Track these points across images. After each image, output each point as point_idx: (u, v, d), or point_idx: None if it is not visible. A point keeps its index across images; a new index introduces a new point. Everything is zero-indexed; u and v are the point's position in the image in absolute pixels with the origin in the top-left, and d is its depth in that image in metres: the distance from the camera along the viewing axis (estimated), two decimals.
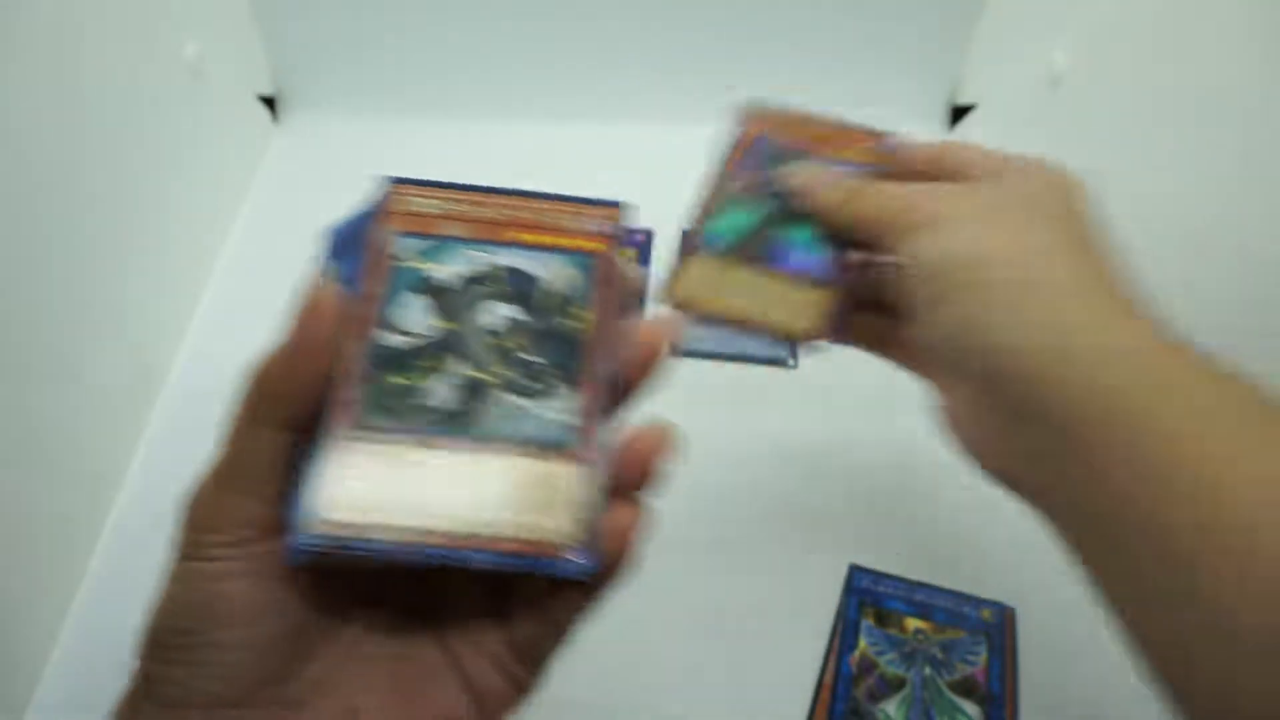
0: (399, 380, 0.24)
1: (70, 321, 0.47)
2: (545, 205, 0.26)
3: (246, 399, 0.23)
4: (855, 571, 0.48)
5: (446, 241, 0.26)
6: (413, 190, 0.26)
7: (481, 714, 0.24)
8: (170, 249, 0.57)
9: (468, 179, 0.27)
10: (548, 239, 0.26)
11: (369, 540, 0.22)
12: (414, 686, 0.24)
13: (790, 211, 0.38)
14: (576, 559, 0.22)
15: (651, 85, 0.71)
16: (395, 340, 0.24)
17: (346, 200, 0.27)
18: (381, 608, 0.25)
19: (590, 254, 0.26)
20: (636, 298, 0.26)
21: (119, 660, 0.24)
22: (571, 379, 0.24)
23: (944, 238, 0.31)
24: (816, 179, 0.37)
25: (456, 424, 0.23)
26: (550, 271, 0.25)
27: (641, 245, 0.64)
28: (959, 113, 0.73)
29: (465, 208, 0.26)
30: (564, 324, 0.25)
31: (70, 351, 0.46)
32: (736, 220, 0.39)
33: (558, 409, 0.24)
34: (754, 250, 0.38)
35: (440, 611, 0.25)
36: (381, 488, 0.22)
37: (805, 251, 0.37)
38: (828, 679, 0.44)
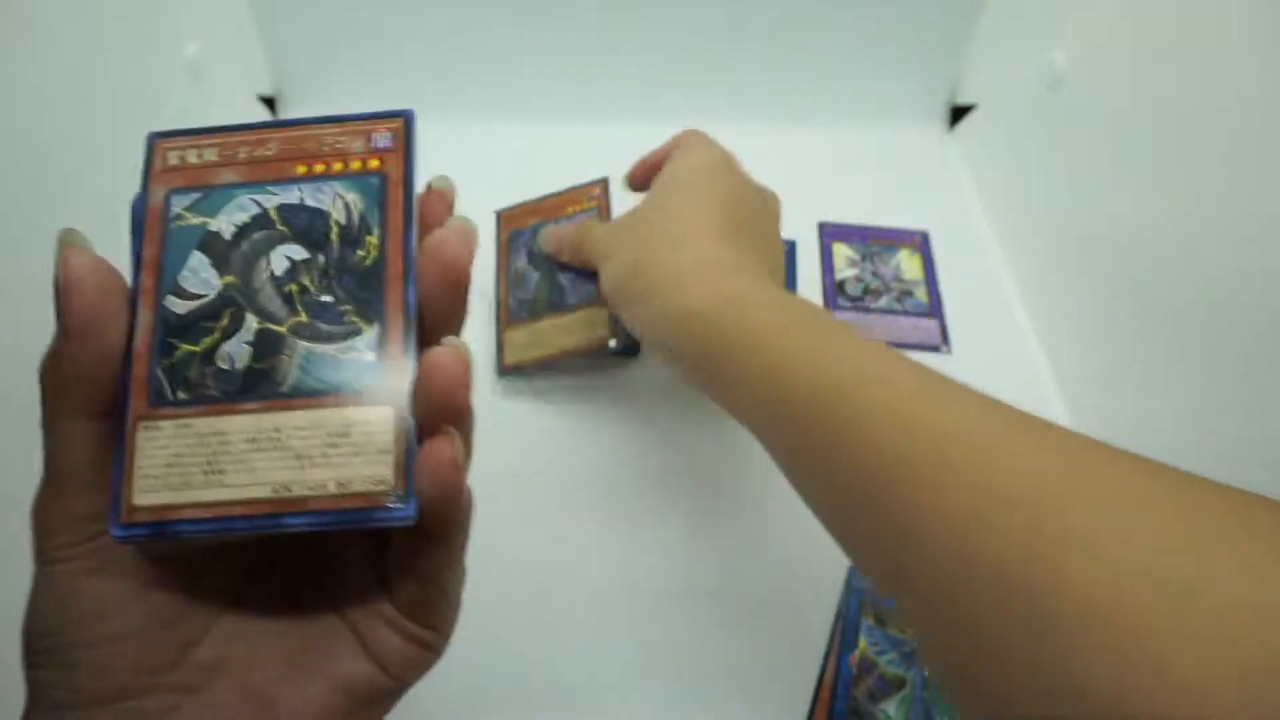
0: (190, 348, 0.22)
1: None
2: (326, 131, 0.24)
3: (41, 394, 0.22)
4: (855, 571, 0.48)
5: (219, 190, 0.24)
6: (179, 142, 0.24)
7: (388, 676, 0.24)
8: None
9: (465, 175, 0.26)
10: (331, 166, 0.24)
11: (179, 522, 0.21)
12: (312, 657, 0.24)
13: (555, 266, 0.52)
14: (394, 505, 0.21)
15: (651, 85, 0.71)
16: (181, 306, 0.23)
17: None
18: (273, 582, 0.25)
19: (376, 174, 0.24)
20: (441, 211, 0.24)
21: None
22: (371, 314, 0.22)
23: (606, 269, 0.43)
24: (546, 237, 0.52)
25: (255, 385, 0.22)
26: (336, 202, 0.23)
27: None
28: (959, 113, 0.73)
29: (237, 150, 0.24)
30: (357, 255, 0.23)
31: None
32: (525, 290, 0.53)
33: (358, 349, 0.22)
34: (545, 304, 0.51)
35: (329, 579, 0.25)
36: (188, 464, 0.21)
37: (575, 286, 0.50)
38: (827, 679, 0.44)
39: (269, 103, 0.72)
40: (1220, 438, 0.43)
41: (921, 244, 0.65)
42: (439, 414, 0.22)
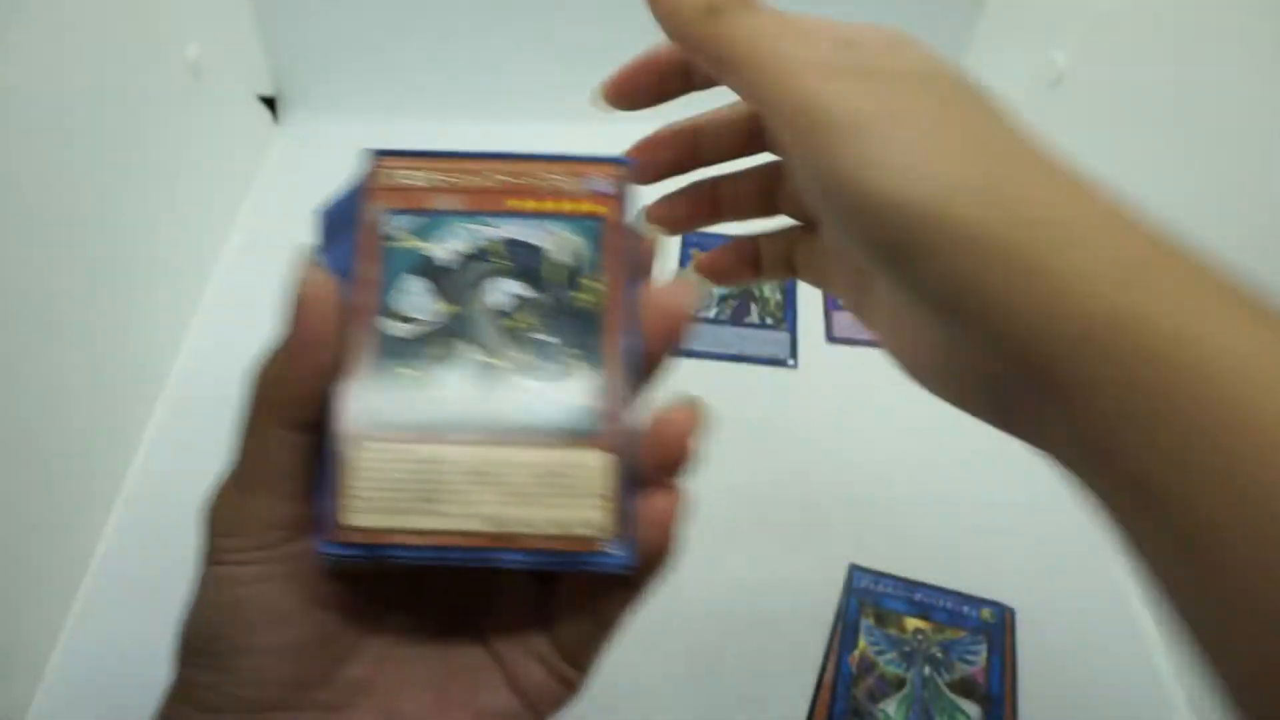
0: (407, 371, 0.22)
1: (70, 321, 0.47)
2: (541, 167, 0.24)
3: (252, 400, 0.22)
4: (855, 571, 0.48)
5: (441, 216, 0.24)
6: (399, 162, 0.24)
7: (530, 713, 0.24)
8: (170, 249, 0.57)
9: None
10: (548, 204, 0.24)
11: (392, 546, 0.21)
12: (458, 687, 0.24)
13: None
14: (613, 553, 0.21)
15: None
16: (399, 328, 0.23)
17: None
18: (421, 607, 0.25)
19: (596, 217, 0.24)
20: (649, 261, 0.24)
21: (119, 661, 0.24)
22: (590, 358, 0.23)
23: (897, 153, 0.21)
24: None
25: (475, 417, 0.22)
26: (554, 241, 0.24)
27: None
28: None
29: (457, 177, 0.24)
30: (576, 298, 0.23)
31: (70, 351, 0.46)
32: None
33: (578, 391, 0.22)
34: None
35: (482, 609, 0.25)
36: (404, 489, 0.21)
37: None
38: (828, 679, 0.44)
39: (269, 103, 0.72)
40: None
41: None
42: (667, 467, 0.22)
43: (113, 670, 0.44)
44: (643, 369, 0.23)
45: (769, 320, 0.61)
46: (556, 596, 0.24)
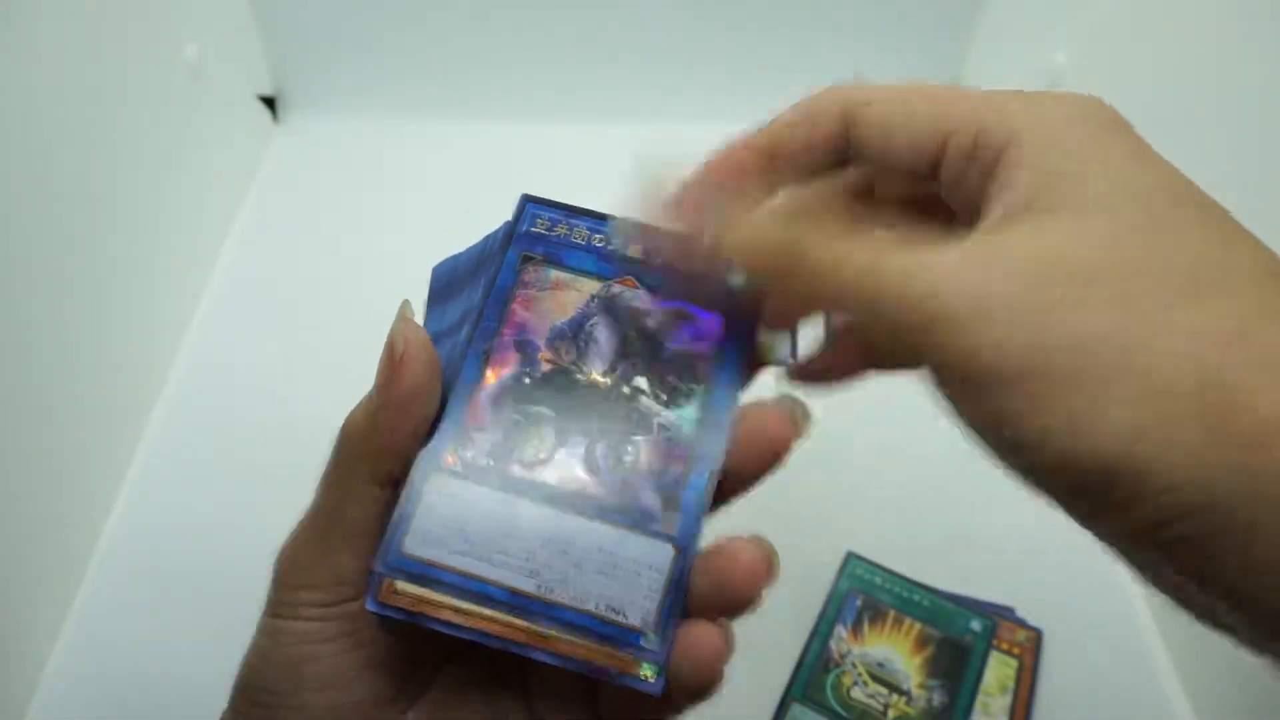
0: (511, 416, 0.22)
1: (70, 322, 0.47)
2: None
3: (338, 452, 0.22)
4: (851, 559, 0.48)
5: (578, 273, 0.24)
6: (551, 215, 0.25)
7: None
8: (170, 249, 0.57)
9: (468, 175, 0.26)
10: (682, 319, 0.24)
11: (434, 620, 0.21)
12: None
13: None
14: (645, 678, 0.21)
15: (651, 85, 0.71)
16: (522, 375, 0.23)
17: (347, 200, 0.26)
18: (470, 666, 0.25)
19: (712, 345, 0.24)
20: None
21: (119, 661, 0.24)
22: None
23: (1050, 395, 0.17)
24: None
25: (558, 477, 0.22)
26: (680, 339, 0.24)
27: None
28: None
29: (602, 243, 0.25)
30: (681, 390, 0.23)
31: (70, 352, 0.46)
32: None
33: (667, 482, 0.22)
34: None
35: (529, 675, 0.24)
36: (464, 528, 0.21)
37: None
38: (808, 660, 0.44)
39: (269, 103, 0.72)
40: None
41: None
42: (721, 603, 0.21)
43: (112, 669, 0.44)
44: (727, 478, 0.22)
45: None
46: (603, 692, 0.23)
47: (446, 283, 0.25)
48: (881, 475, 0.53)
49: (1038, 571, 0.48)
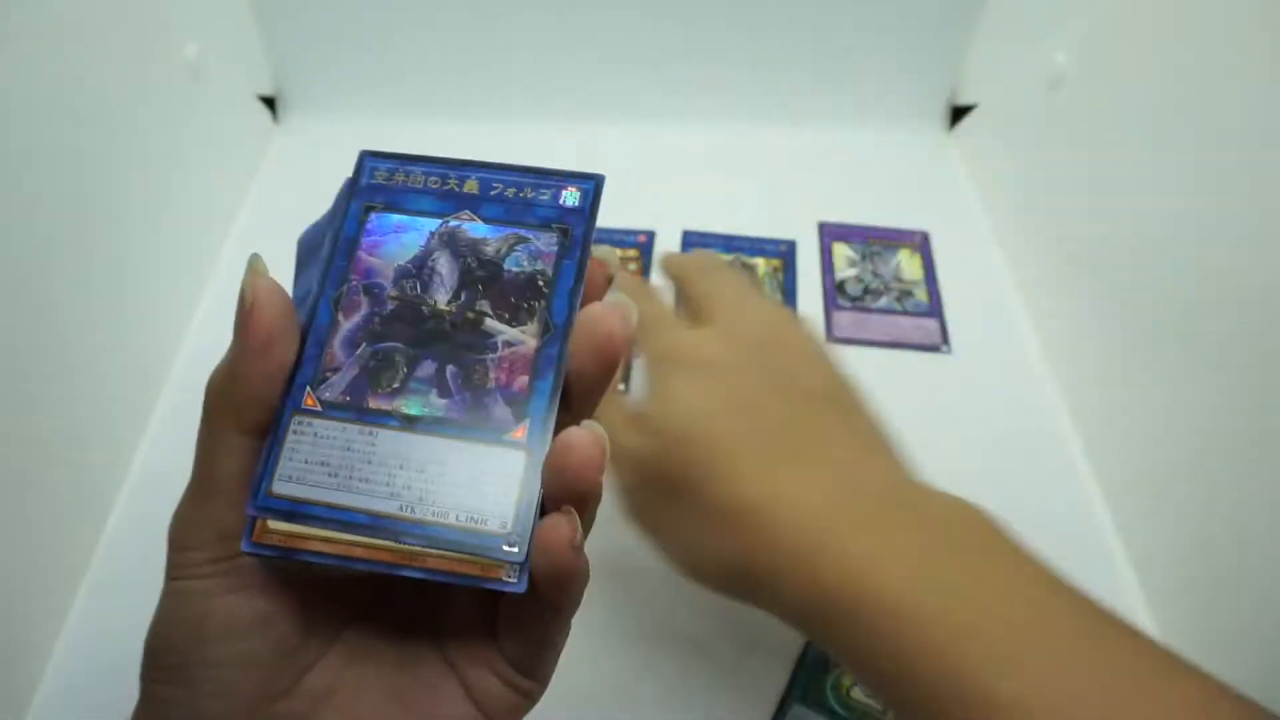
0: (361, 353, 0.23)
1: (70, 321, 0.47)
2: (520, 179, 0.26)
3: (205, 410, 0.22)
4: None
5: (414, 216, 0.25)
6: (389, 165, 0.26)
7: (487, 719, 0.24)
8: (170, 249, 0.57)
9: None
10: (517, 214, 0.26)
11: (305, 551, 0.22)
12: (416, 695, 0.24)
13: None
14: (508, 579, 0.22)
15: (651, 85, 0.71)
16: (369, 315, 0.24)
17: None
18: (380, 616, 0.25)
19: (557, 231, 0.25)
20: (605, 278, 0.25)
21: (119, 661, 0.24)
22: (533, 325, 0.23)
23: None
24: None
25: (410, 406, 0.23)
26: (511, 249, 0.25)
27: (643, 246, 0.64)
28: (959, 113, 0.73)
29: (440, 184, 0.26)
30: (523, 306, 0.24)
31: (70, 351, 0.46)
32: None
33: (517, 393, 0.23)
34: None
35: (438, 621, 0.25)
36: (328, 463, 0.22)
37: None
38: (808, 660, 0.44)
39: (269, 103, 0.72)
40: (1222, 437, 0.43)
41: (921, 244, 0.65)
42: (566, 494, 0.22)
43: (115, 664, 0.43)
44: (572, 388, 0.23)
45: None
46: (499, 612, 0.24)
47: (308, 248, 0.26)
48: None
49: None
